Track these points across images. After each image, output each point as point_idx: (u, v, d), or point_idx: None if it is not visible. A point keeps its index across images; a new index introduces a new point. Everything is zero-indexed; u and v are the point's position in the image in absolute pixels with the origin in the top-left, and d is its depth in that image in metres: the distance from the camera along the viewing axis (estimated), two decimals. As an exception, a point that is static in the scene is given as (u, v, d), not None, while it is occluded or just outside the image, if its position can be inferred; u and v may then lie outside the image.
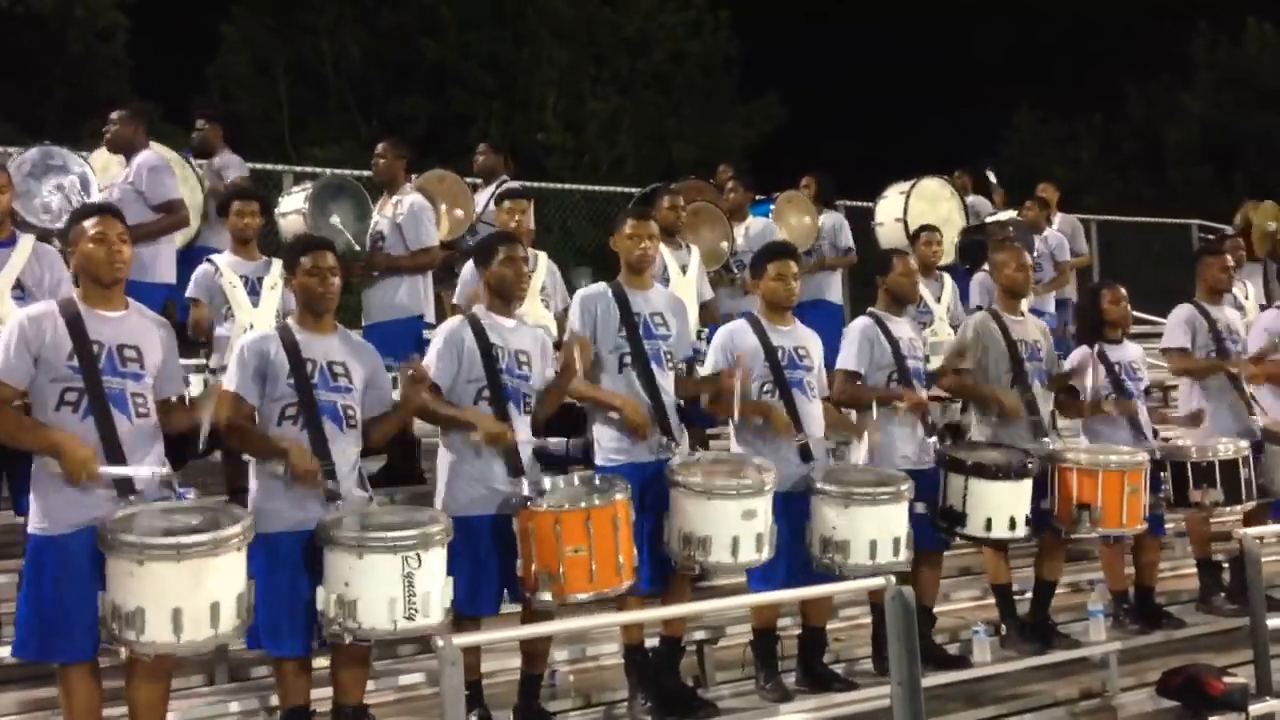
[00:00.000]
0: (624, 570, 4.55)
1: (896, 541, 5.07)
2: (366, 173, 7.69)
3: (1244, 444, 6.27)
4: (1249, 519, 6.30)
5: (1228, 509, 6.35)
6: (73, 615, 3.91)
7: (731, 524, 4.79)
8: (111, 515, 3.90)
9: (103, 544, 3.85)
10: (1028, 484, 5.56)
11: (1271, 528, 6.51)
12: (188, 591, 3.80)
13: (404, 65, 22.00)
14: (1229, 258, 7.21)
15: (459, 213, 7.93)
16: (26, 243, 5.31)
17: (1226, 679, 5.42)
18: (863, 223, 10.17)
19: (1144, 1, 25.75)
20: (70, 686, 4.03)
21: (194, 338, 6.25)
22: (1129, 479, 5.70)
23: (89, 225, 4.19)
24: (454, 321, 4.99)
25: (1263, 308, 8.47)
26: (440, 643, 3.64)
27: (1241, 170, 24.46)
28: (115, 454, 4.02)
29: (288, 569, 4.25)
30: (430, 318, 7.13)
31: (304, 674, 4.40)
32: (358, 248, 6.96)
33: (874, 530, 5.05)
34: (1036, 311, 8.31)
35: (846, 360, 5.74)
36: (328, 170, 9.02)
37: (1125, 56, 25.59)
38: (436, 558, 4.20)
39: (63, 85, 18.57)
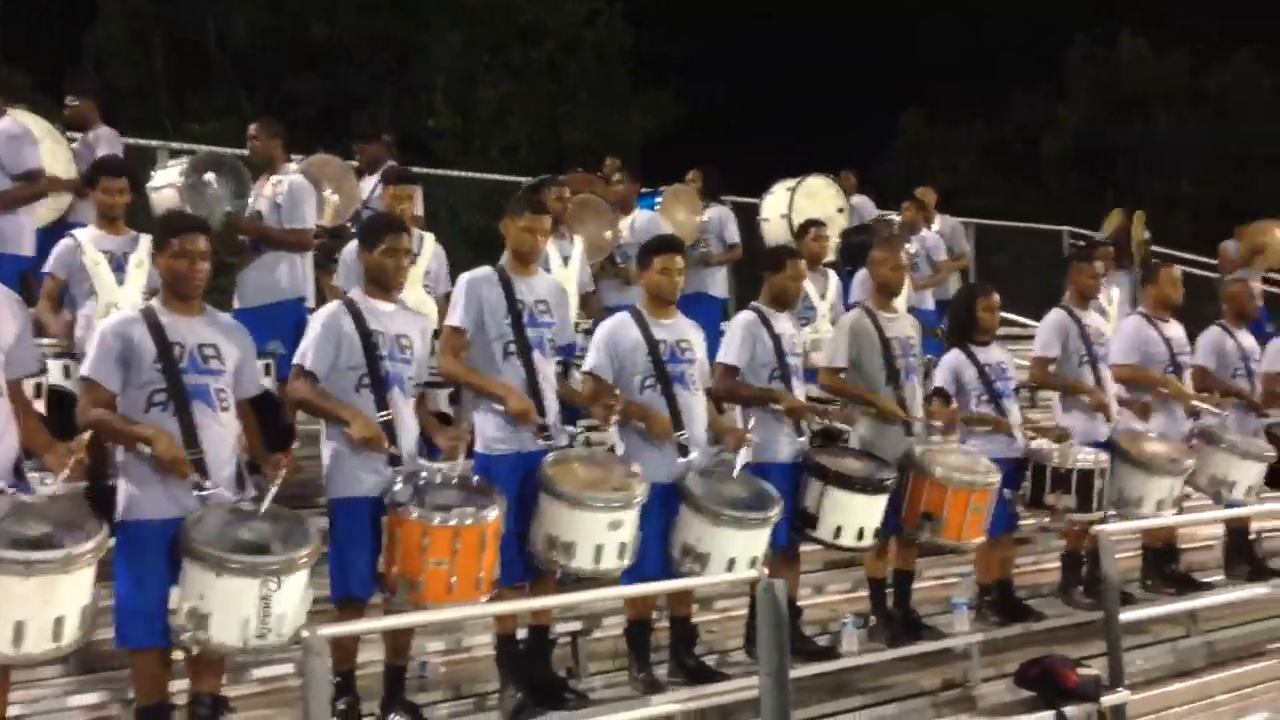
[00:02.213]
0: (483, 585, 4.55)
1: (754, 560, 5.12)
2: (246, 152, 7.52)
3: (1104, 456, 6.49)
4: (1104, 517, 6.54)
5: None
6: None
7: (597, 533, 4.80)
8: None
9: None
10: (883, 499, 5.69)
11: (1126, 524, 6.77)
12: (34, 606, 3.70)
13: (293, 43, 21.52)
14: (1099, 265, 7.46)
15: (337, 198, 7.80)
16: None
17: (1081, 670, 5.60)
18: (748, 218, 10.30)
19: (1025, 11, 26.46)
20: None
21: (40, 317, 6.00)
22: (975, 497, 5.88)
23: None
24: (331, 307, 4.92)
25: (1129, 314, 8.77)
26: (306, 633, 3.59)
27: (1111, 179, 25.36)
28: None
29: (150, 560, 4.15)
30: (310, 302, 7.01)
31: (162, 667, 4.30)
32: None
33: (736, 550, 5.10)
34: (918, 311, 8.51)
35: (728, 354, 5.80)
36: (206, 147, 8.78)
37: (1008, 65, 26.28)
38: (298, 580, 4.14)
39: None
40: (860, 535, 5.64)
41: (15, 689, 4.22)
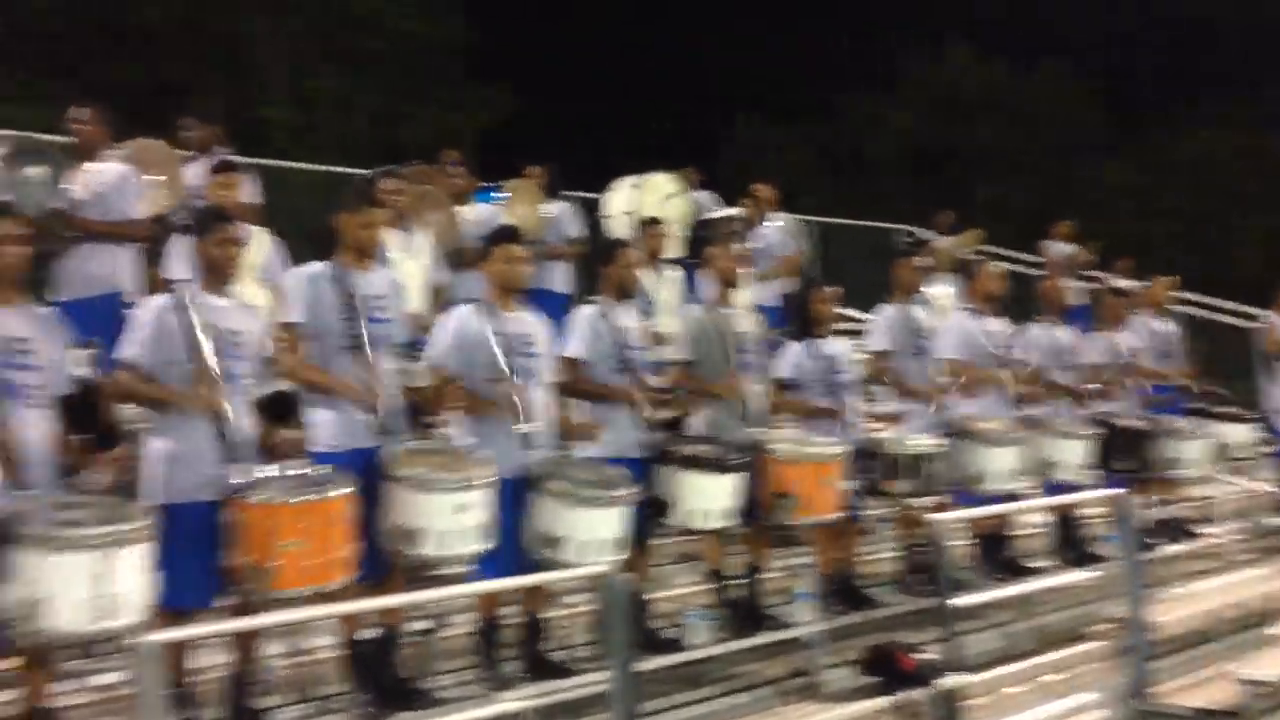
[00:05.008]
0: (342, 566, 4.42)
1: (613, 542, 5.12)
2: (61, 138, 7.15)
3: (937, 441, 6.71)
4: (940, 505, 6.76)
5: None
6: None
7: (443, 518, 4.72)
8: None
9: None
10: (735, 478, 5.75)
11: (960, 513, 7.00)
12: None
13: (115, 28, 20.61)
14: (922, 260, 7.72)
15: (162, 187, 7.46)
16: None
17: (918, 655, 5.76)
18: (591, 214, 10.28)
19: (859, 17, 27.26)
20: None
21: None
22: (826, 470, 6.02)
23: None
24: (158, 300, 4.76)
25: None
26: (138, 639, 3.43)
27: (939, 181, 26.34)
28: None
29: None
30: (134, 294, 6.69)
31: None
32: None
33: (593, 531, 5.08)
34: (760, 306, 8.63)
35: (572, 348, 5.79)
36: (16, 132, 8.29)
37: (841, 69, 26.99)
38: (134, 555, 3.96)
39: None
40: (717, 516, 5.69)
41: None
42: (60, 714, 4.31)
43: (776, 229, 10.58)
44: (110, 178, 6.63)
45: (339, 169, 12.70)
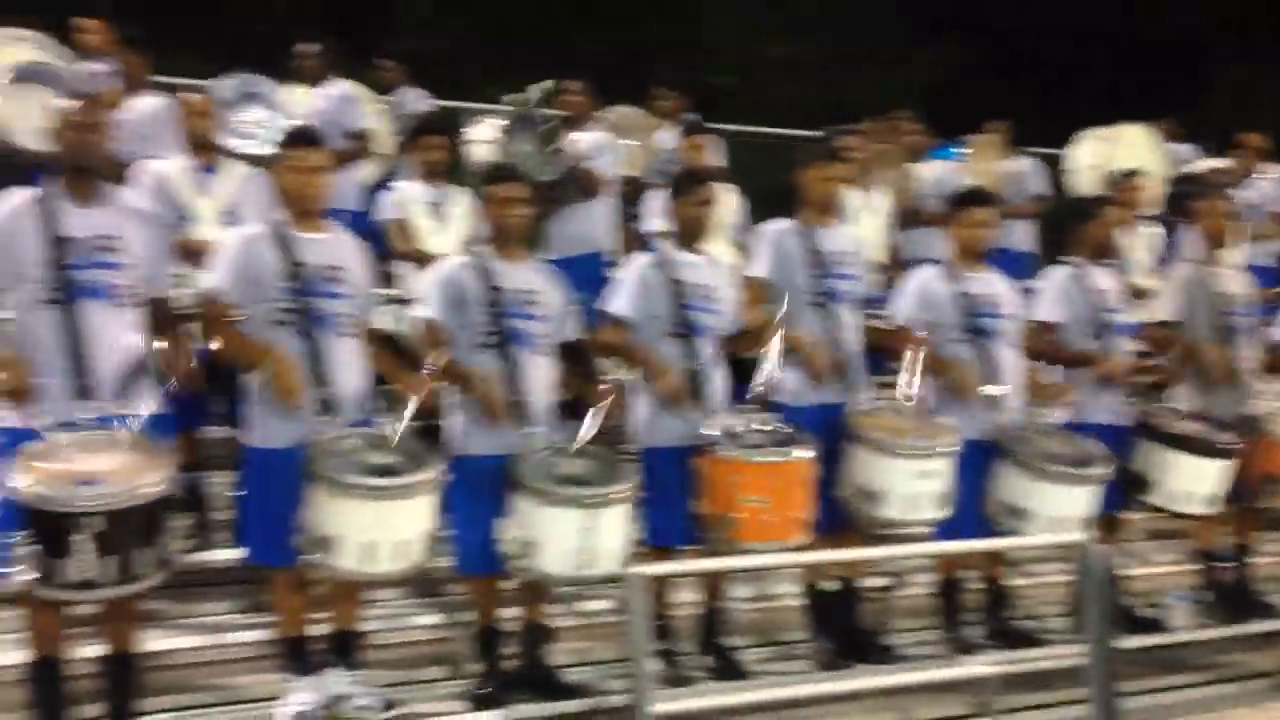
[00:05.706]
0: (800, 526, 4.54)
1: (1079, 520, 4.87)
2: (552, 111, 7.75)
3: None
4: None
5: None
6: (286, 523, 4.06)
7: (907, 482, 4.71)
8: (314, 439, 4.05)
9: (306, 467, 4.00)
10: (1221, 464, 5.32)
11: None
12: (380, 529, 3.94)
13: (579, 6, 22.13)
14: None
15: (639, 150, 7.94)
16: (236, 169, 5.52)
17: None
18: (1054, 170, 9.79)
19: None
20: (281, 591, 4.25)
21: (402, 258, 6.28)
22: None
23: (290, 153, 4.33)
24: (644, 257, 5.02)
25: None
26: (629, 570, 3.69)
27: None
28: (322, 373, 4.14)
29: (482, 493, 4.33)
30: (614, 253, 7.16)
31: (494, 593, 4.53)
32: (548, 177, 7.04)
33: (1060, 508, 4.89)
34: (1255, 267, 7.89)
35: (1045, 311, 5.55)
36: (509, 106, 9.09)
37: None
38: (618, 513, 4.25)
39: (254, 24, 19.19)
40: (1201, 501, 5.31)
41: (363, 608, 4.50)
42: (553, 634, 4.70)
43: (1270, 181, 9.60)
44: (593, 143, 7.14)
45: (788, 131, 12.91)
